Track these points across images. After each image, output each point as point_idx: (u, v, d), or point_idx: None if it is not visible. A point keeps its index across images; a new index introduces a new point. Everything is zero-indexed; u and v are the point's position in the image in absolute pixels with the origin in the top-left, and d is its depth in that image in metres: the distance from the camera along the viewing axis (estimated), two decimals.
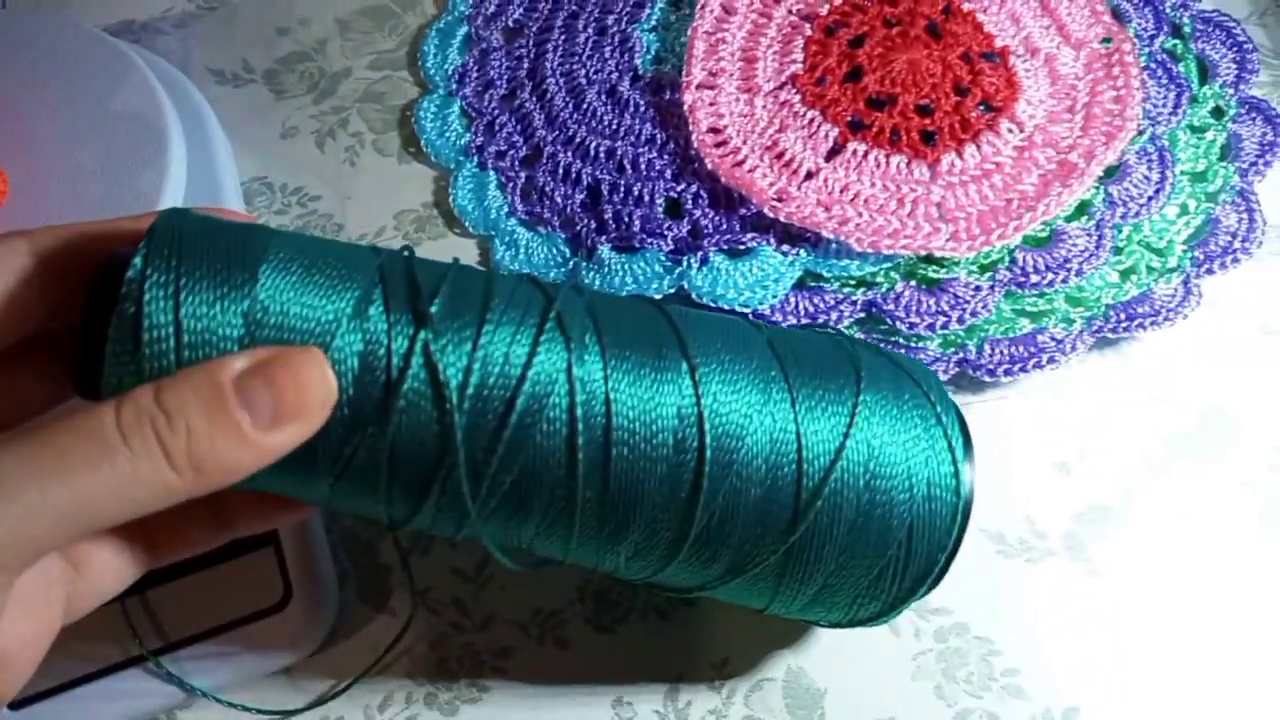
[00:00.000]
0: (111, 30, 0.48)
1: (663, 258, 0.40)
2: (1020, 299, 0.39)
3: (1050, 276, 0.38)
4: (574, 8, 0.47)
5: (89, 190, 0.39)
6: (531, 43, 0.46)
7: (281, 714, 0.34)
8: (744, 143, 0.41)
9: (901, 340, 0.39)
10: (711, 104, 0.42)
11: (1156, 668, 0.34)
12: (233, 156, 0.44)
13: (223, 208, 0.30)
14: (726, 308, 0.39)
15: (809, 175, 0.40)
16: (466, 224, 0.43)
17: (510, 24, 0.47)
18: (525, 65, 0.46)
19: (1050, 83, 0.42)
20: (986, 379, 0.38)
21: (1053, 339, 0.38)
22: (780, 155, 0.41)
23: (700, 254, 0.40)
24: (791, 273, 0.39)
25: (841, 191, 0.40)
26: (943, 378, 0.38)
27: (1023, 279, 0.38)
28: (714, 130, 0.42)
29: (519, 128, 0.44)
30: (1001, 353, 0.38)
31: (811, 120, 0.41)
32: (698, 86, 0.42)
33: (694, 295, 0.39)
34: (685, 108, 0.42)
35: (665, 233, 0.40)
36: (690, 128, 0.41)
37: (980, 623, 0.35)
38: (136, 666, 0.33)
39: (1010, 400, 0.39)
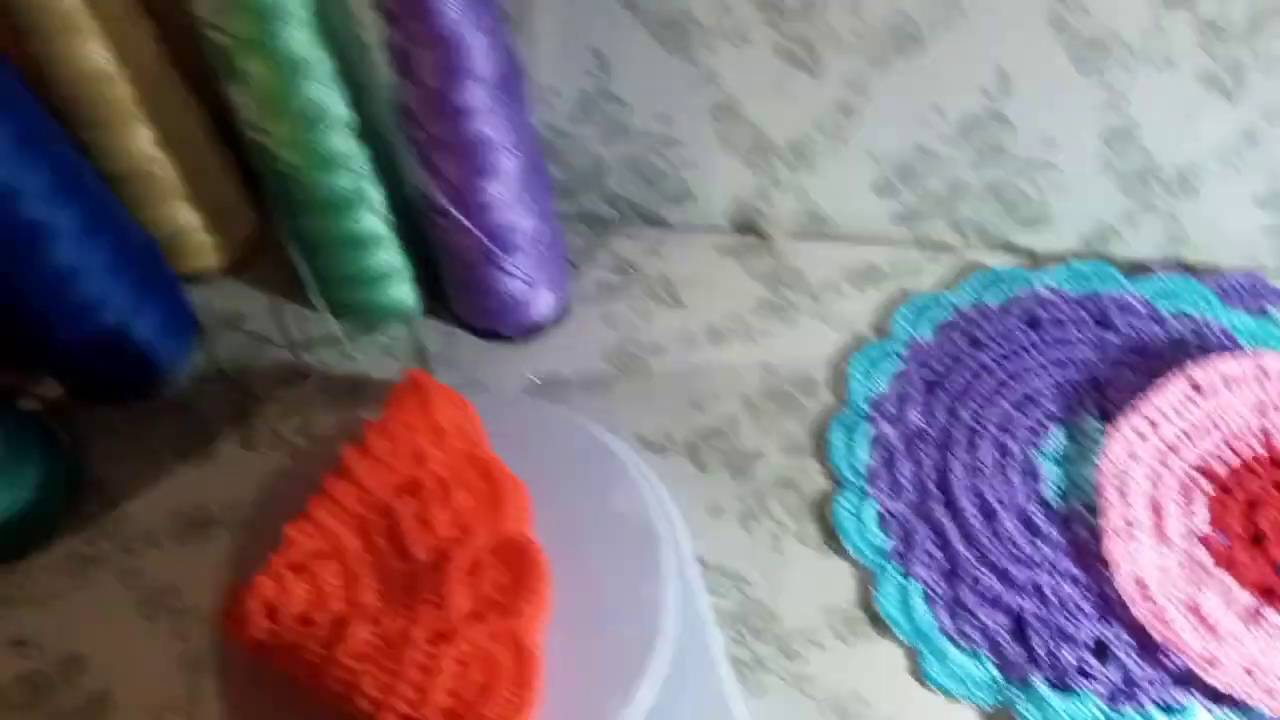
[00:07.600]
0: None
1: (1101, 704, 0.44)
2: None
3: None
4: (972, 424, 0.53)
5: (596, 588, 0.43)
6: (933, 449, 0.52)
7: None
8: (1164, 596, 0.46)
9: None
10: (1131, 553, 0.47)
11: None
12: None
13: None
14: None
15: (1232, 638, 0.45)
16: (894, 630, 0.47)
17: (910, 429, 0.53)
18: (932, 474, 0.51)
19: None
20: None
21: None
22: (1198, 613, 0.45)
23: (1133, 703, 0.44)
24: None
25: (1265, 659, 0.44)
26: None
27: None
28: (1137, 581, 0.46)
29: (936, 540, 0.49)
30: None
31: (1225, 582, 0.46)
32: (1115, 533, 0.47)
33: None
34: (1107, 553, 0.47)
35: (1097, 676, 0.45)
36: (1112, 573, 0.46)
37: None
38: None
39: None
